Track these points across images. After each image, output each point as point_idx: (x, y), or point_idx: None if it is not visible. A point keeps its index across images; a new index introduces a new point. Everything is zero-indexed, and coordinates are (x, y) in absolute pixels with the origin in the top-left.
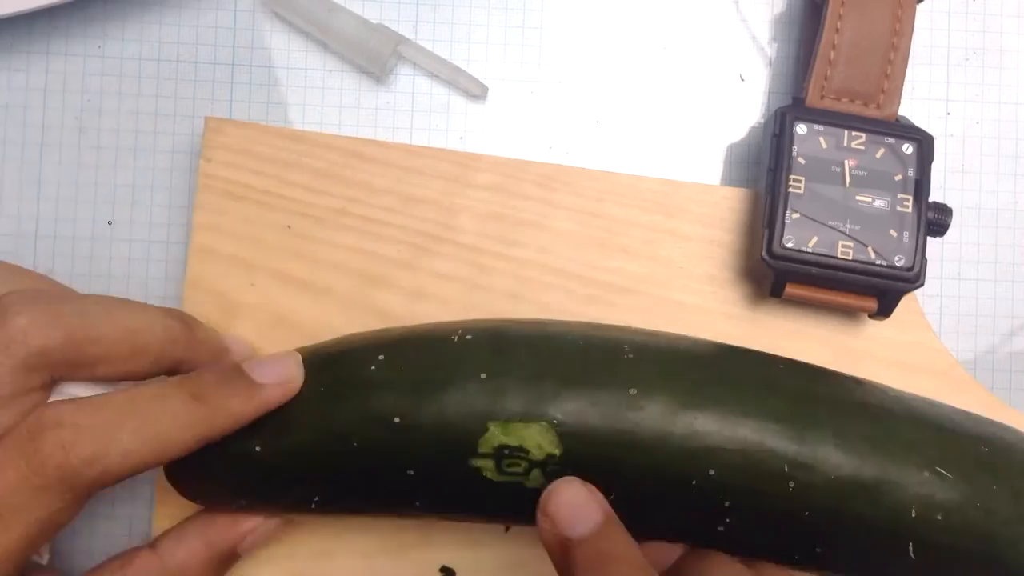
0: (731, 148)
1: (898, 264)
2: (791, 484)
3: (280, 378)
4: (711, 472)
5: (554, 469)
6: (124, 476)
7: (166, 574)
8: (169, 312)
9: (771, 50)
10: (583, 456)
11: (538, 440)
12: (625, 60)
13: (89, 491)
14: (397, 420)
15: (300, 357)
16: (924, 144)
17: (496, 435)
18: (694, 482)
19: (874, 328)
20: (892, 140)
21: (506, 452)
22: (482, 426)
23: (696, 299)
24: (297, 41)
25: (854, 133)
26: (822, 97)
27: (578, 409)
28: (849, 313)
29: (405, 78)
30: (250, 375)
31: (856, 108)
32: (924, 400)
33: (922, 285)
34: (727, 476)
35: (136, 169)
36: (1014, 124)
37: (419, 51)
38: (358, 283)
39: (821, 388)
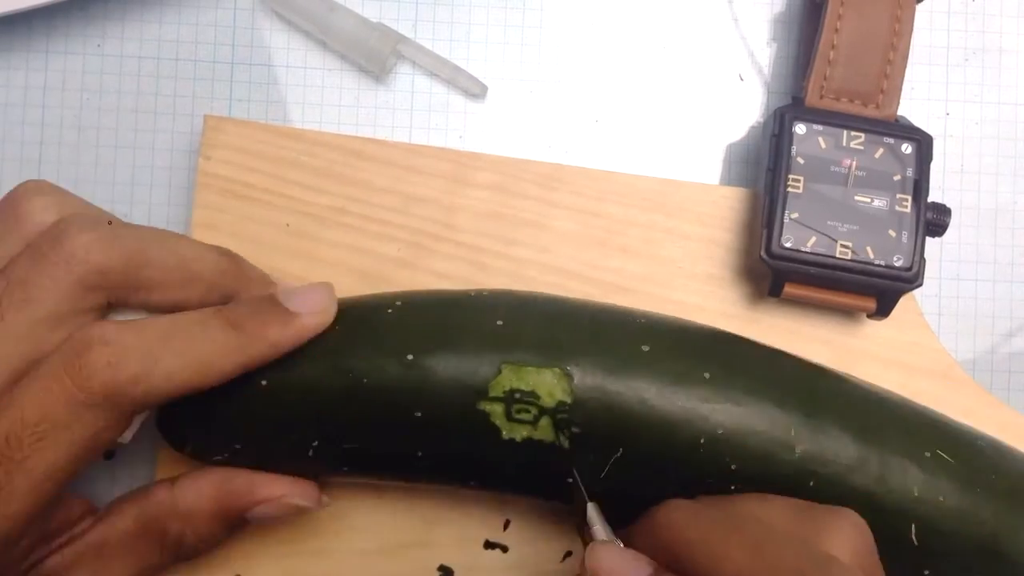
0: (730, 148)
1: (897, 264)
2: (797, 451)
3: (315, 307)
4: (719, 432)
5: (564, 419)
6: (165, 397)
7: (174, 513)
8: (219, 248)
9: (770, 50)
10: (594, 406)
11: (550, 386)
12: (624, 59)
13: (133, 410)
14: (410, 357)
15: (332, 288)
16: (923, 144)
17: (508, 378)
18: (702, 441)
19: (873, 328)
20: (891, 140)
21: (517, 396)
22: (495, 369)
23: (695, 298)
24: (297, 40)
25: (853, 133)
26: (821, 97)
27: (592, 360)
28: (848, 313)
29: (404, 77)
30: (285, 304)
31: (855, 108)
32: (920, 405)
33: (921, 285)
34: (735, 438)
35: (135, 167)
36: (1013, 124)
37: (419, 50)
38: (357, 282)
39: (825, 375)
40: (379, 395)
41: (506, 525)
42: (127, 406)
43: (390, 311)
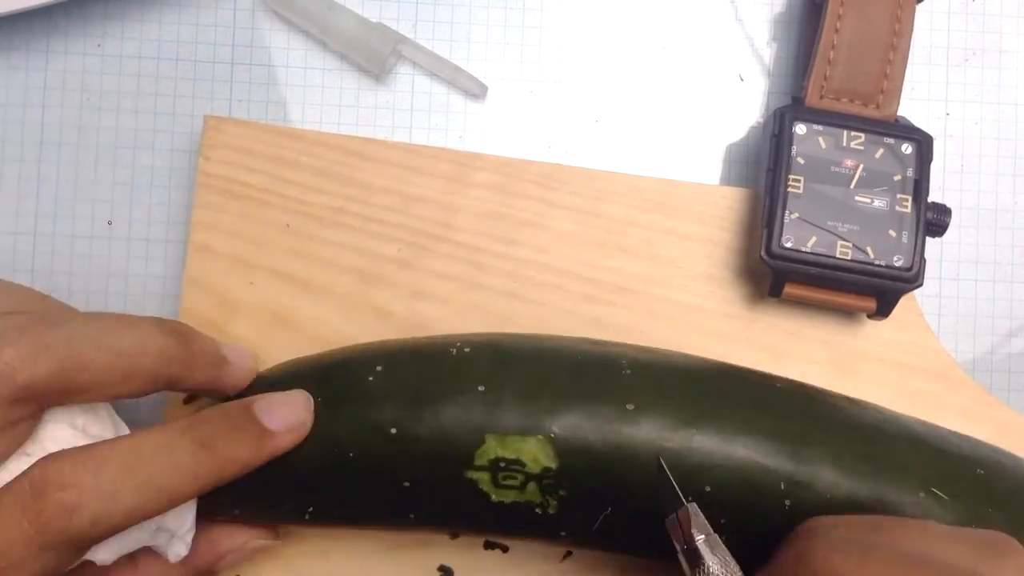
0: (730, 148)
1: (897, 264)
2: (787, 503)
3: (291, 423)
4: (707, 489)
5: (550, 483)
6: (127, 527)
7: None
8: (164, 327)
9: (770, 50)
10: (579, 470)
11: (535, 453)
12: (624, 60)
13: (90, 546)
14: (394, 431)
15: (310, 398)
16: (923, 144)
17: (493, 447)
18: (690, 498)
19: (873, 328)
20: (891, 140)
21: (502, 465)
22: (479, 438)
23: (695, 298)
24: (296, 40)
25: (853, 133)
26: (821, 97)
27: (575, 423)
28: (848, 313)
29: (404, 77)
30: (260, 420)
31: (855, 108)
32: (920, 422)
33: (921, 285)
34: (723, 493)
35: (135, 167)
36: (1013, 125)
37: (418, 50)
38: (357, 282)
39: (817, 408)
40: (366, 468)
41: None
42: (86, 544)
43: (371, 379)
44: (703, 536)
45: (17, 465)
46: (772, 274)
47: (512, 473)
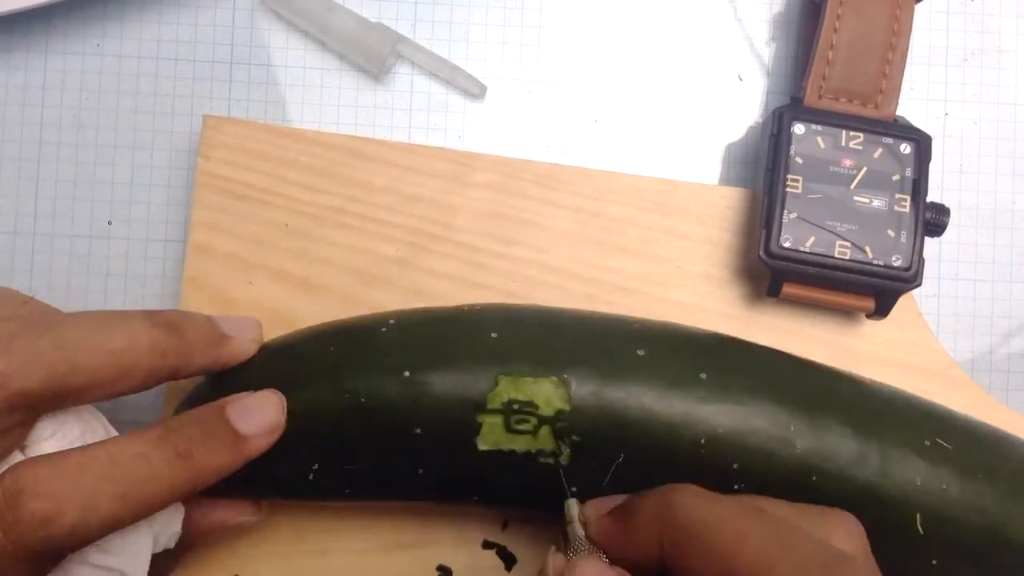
0: (729, 148)
1: (895, 264)
2: (798, 447)
3: (264, 427)
4: (719, 431)
5: (563, 427)
6: (103, 536)
7: None
8: (153, 319)
9: (769, 50)
10: (593, 413)
11: (548, 395)
12: (623, 60)
13: (67, 554)
14: (407, 374)
15: (283, 398)
16: (922, 144)
17: (506, 389)
18: (703, 441)
19: (872, 328)
20: (890, 140)
21: (515, 407)
22: (492, 381)
23: (694, 298)
24: (296, 39)
25: (852, 133)
26: (820, 97)
27: (588, 367)
28: (847, 313)
29: (403, 77)
30: (234, 426)
31: (854, 108)
32: (914, 395)
33: (919, 285)
34: (735, 436)
35: (134, 167)
36: (1012, 125)
37: (418, 50)
38: (356, 281)
39: (820, 371)
40: (378, 414)
41: (504, 525)
42: (62, 554)
43: (384, 330)
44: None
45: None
46: (771, 274)
47: (525, 416)
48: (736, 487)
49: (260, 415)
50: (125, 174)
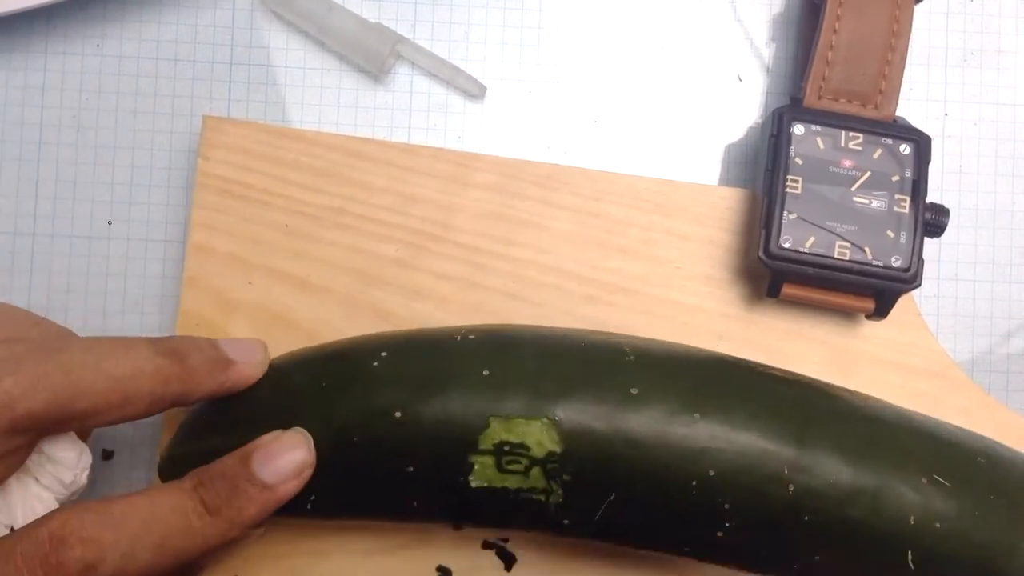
0: (729, 148)
1: (895, 265)
2: (791, 487)
3: (290, 473)
4: (711, 473)
5: (554, 468)
6: None
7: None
8: (158, 348)
9: (769, 51)
10: (584, 454)
11: (539, 437)
12: (623, 60)
13: None
14: (398, 415)
15: (309, 437)
16: (921, 145)
17: (497, 431)
18: (694, 483)
19: (871, 329)
20: (889, 141)
21: (506, 449)
22: (483, 422)
23: (694, 299)
24: (295, 40)
25: (851, 134)
26: (820, 97)
27: (580, 407)
28: (846, 314)
29: (403, 77)
30: (261, 479)
31: (854, 109)
32: (918, 413)
33: (919, 286)
34: (727, 478)
35: (134, 168)
36: (1012, 125)
37: (417, 50)
38: (356, 282)
39: (818, 397)
40: (370, 452)
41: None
42: None
43: (376, 364)
44: None
45: (16, 492)
46: (770, 274)
47: (516, 457)
48: (727, 524)
49: (284, 461)
50: (125, 174)
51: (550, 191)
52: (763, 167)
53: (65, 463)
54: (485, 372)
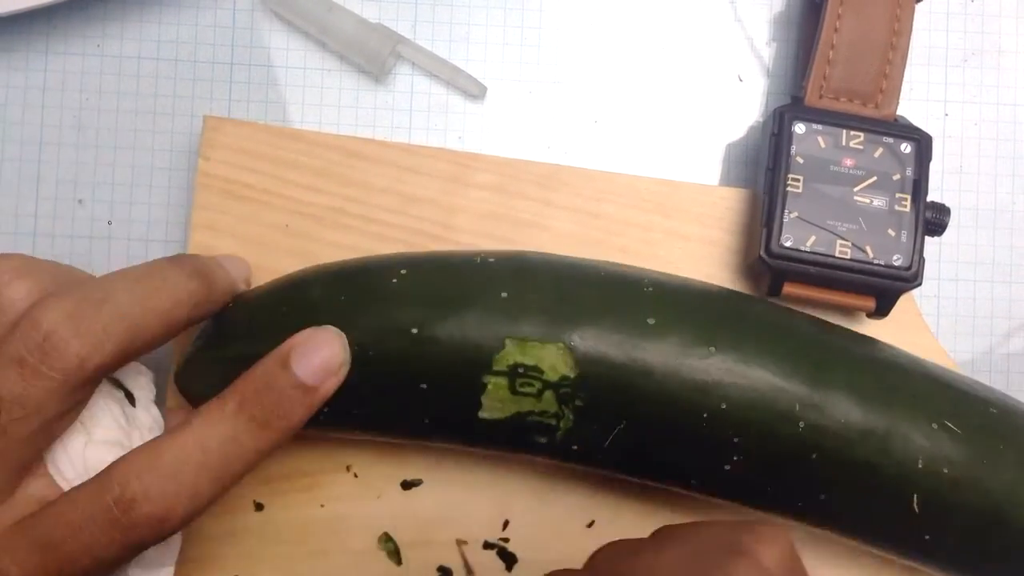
0: (729, 148)
1: (896, 263)
2: (801, 424)
3: (331, 369)
4: (723, 406)
5: (567, 392)
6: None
7: None
8: (186, 270)
9: (770, 51)
10: (597, 381)
11: (553, 361)
12: (624, 60)
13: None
14: (415, 331)
15: (342, 334)
16: (922, 144)
17: (512, 352)
18: (705, 415)
19: (872, 328)
20: (890, 140)
21: (520, 371)
22: (499, 342)
23: None
24: (296, 40)
25: (852, 132)
26: (821, 96)
27: (596, 334)
28: (847, 312)
29: (404, 78)
30: (302, 379)
31: (855, 108)
32: (934, 364)
33: (920, 284)
34: (738, 411)
35: (135, 168)
36: (1012, 125)
37: (418, 51)
38: None
39: (836, 339)
40: (385, 367)
41: (505, 525)
42: (165, 536)
43: (395, 281)
44: None
45: (76, 439)
46: (771, 273)
47: (530, 380)
48: (735, 458)
49: (322, 358)
50: (125, 175)
51: (550, 191)
52: (764, 166)
53: (144, 389)
54: (503, 294)
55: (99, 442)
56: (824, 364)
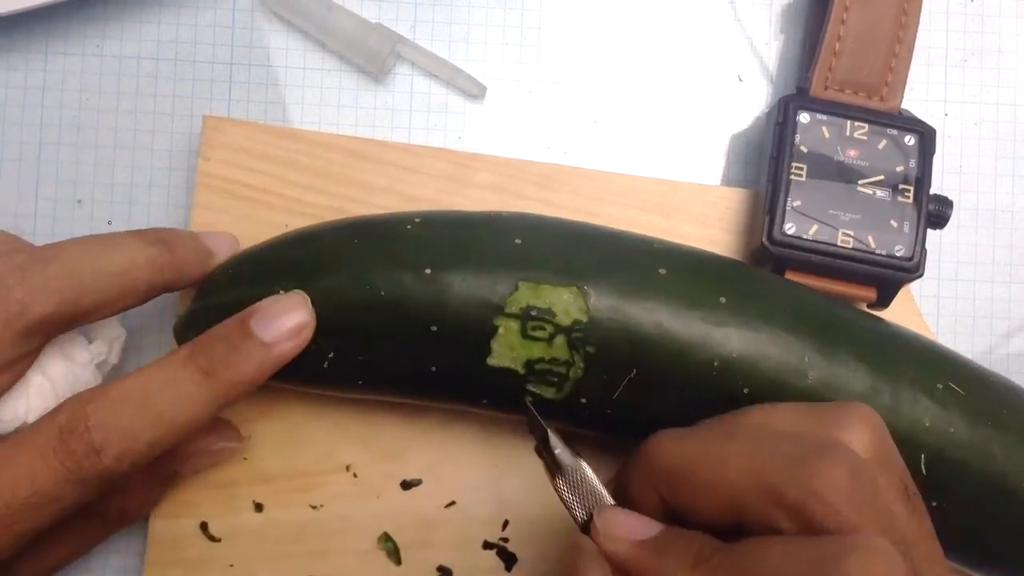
0: (729, 149)
1: (898, 254)
2: (809, 377)
3: (289, 330)
4: (733, 355)
5: (579, 337)
6: (150, 459)
7: (110, 494)
8: (146, 238)
9: (769, 50)
10: (609, 326)
11: (566, 304)
12: (623, 60)
13: (120, 478)
14: (428, 272)
15: (307, 297)
16: (926, 136)
17: (525, 295)
18: (716, 363)
19: None
20: (894, 131)
21: (533, 314)
22: (512, 285)
23: None
24: (295, 40)
25: (857, 124)
26: (826, 88)
27: (609, 280)
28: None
29: (403, 78)
30: (258, 336)
31: (859, 100)
32: (937, 343)
33: (922, 275)
34: (748, 361)
35: (134, 168)
36: (1012, 125)
37: (417, 51)
38: None
39: (841, 308)
40: (396, 307)
41: (505, 525)
42: (115, 477)
43: (409, 227)
44: (563, 449)
45: (25, 393)
46: (773, 261)
47: (542, 323)
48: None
49: (283, 319)
50: (125, 175)
51: (550, 191)
52: (768, 155)
53: (104, 337)
54: (517, 241)
55: (40, 395)
56: (831, 325)
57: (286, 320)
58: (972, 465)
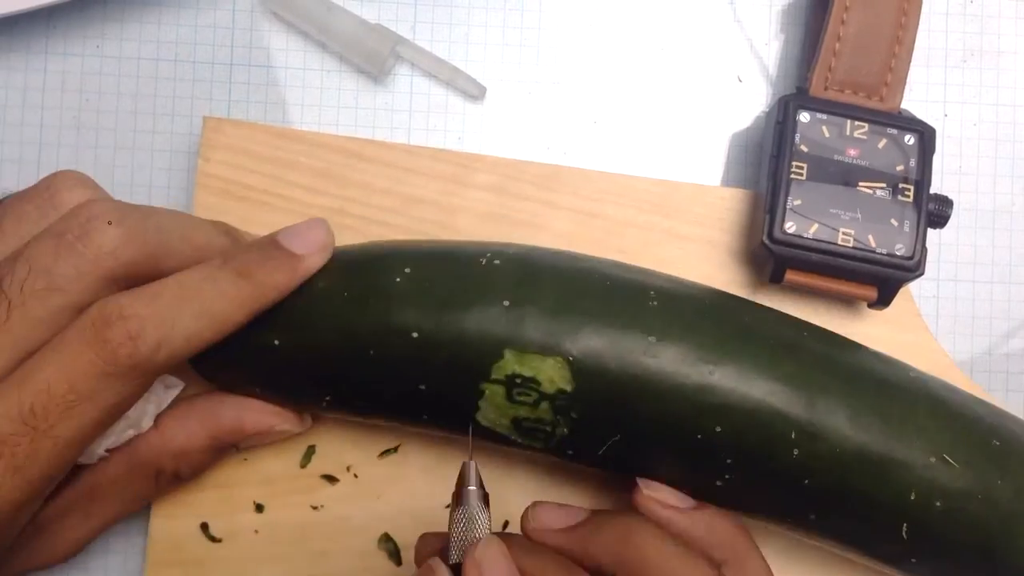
0: (729, 149)
1: (898, 253)
2: (795, 451)
3: (316, 246)
4: (718, 428)
5: (563, 405)
6: (186, 356)
7: (166, 453)
8: (220, 228)
9: (769, 51)
10: (594, 396)
11: (551, 374)
12: (623, 61)
13: (157, 374)
14: (415, 335)
15: (326, 221)
16: (926, 136)
17: (511, 363)
18: (699, 436)
19: (871, 328)
20: (894, 131)
21: (518, 381)
22: (498, 352)
23: None
24: (295, 41)
25: (857, 123)
26: (826, 88)
27: (595, 349)
28: (847, 308)
29: (403, 78)
30: (288, 247)
31: (859, 100)
32: (945, 385)
33: (922, 274)
34: (733, 435)
35: (134, 168)
36: (1012, 126)
37: (417, 51)
38: None
39: (842, 357)
40: (384, 367)
41: (505, 525)
42: (152, 371)
43: (399, 280)
44: (474, 488)
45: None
46: (774, 260)
47: (527, 391)
48: (727, 476)
49: (310, 236)
50: (125, 176)
51: (550, 191)
52: (768, 154)
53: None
54: (505, 303)
55: None
56: (825, 387)
57: (314, 237)
58: (954, 536)
